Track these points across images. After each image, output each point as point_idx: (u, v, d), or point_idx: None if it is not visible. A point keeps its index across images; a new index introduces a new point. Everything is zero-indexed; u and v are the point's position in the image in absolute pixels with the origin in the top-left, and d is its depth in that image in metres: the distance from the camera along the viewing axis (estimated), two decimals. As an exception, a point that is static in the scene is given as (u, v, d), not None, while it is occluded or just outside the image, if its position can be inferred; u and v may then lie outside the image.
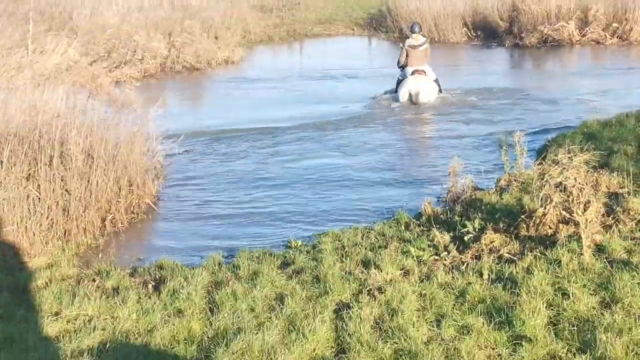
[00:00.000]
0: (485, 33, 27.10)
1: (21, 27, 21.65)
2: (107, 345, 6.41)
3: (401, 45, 17.90)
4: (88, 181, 9.70)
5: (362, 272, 7.60)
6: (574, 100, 16.16)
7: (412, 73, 17.07)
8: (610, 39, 24.01)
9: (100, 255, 8.90)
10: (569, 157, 7.97)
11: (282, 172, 12.35)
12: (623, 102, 15.06)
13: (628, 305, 6.34)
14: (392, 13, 29.77)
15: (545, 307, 6.41)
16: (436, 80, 17.35)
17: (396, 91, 17.47)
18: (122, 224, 10.03)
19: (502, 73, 21.09)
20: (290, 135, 14.56)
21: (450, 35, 26.89)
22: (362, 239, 8.76)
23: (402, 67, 17.51)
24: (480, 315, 6.46)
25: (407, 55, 17.31)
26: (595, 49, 23.60)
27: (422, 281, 7.31)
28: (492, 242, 8.00)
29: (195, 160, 13.16)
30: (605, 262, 7.22)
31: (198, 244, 9.43)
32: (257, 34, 30.70)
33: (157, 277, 7.96)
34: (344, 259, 8.01)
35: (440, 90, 17.32)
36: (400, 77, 17.55)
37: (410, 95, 16.84)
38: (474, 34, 27.32)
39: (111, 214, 9.96)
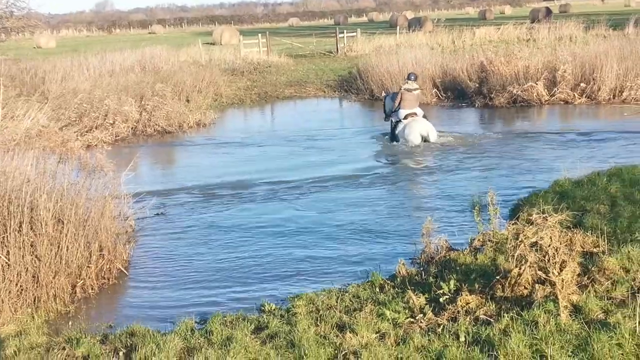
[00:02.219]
0: (455, 94, 27.46)
1: (-9, 92, 21.63)
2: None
3: (386, 94, 20.63)
4: (58, 247, 9.56)
5: (337, 336, 7.49)
6: (546, 159, 16.23)
7: (406, 116, 18.56)
8: (579, 98, 24.36)
9: (70, 323, 8.73)
10: (543, 217, 7.97)
11: (254, 232, 12.27)
12: (593, 161, 15.18)
13: (606, 366, 6.29)
14: (362, 75, 30.12)
15: (524, 370, 6.34)
16: (425, 117, 18.90)
17: (393, 134, 18.94)
18: (92, 289, 9.86)
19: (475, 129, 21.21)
20: (263, 196, 14.54)
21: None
22: (337, 301, 8.64)
23: (395, 110, 18.91)
24: (458, 378, 6.37)
25: (401, 99, 18.75)
26: (564, 109, 23.89)
27: (398, 345, 7.21)
28: (467, 304, 7.93)
29: (167, 223, 13.04)
30: (582, 322, 7.17)
31: (170, 308, 9.25)
32: (229, 97, 30.94)
33: (129, 344, 7.81)
34: (318, 323, 7.90)
35: None
36: (394, 119, 19.01)
37: (421, 137, 18.24)
38: (444, 95, 27.66)
39: (82, 279, 9.80)
